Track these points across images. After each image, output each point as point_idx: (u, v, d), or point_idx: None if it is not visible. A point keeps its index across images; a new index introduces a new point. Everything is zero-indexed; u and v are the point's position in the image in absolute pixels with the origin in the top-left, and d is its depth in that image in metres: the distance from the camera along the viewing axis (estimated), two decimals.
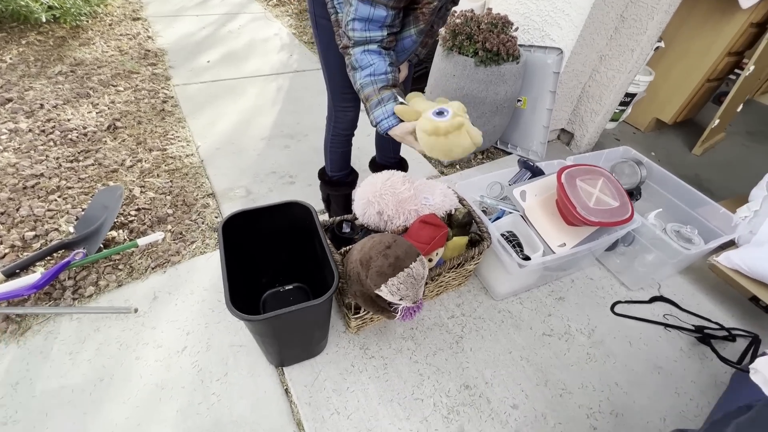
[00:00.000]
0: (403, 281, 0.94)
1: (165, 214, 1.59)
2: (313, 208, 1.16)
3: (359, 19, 0.88)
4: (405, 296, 0.95)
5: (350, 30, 0.90)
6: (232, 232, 1.11)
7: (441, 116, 0.91)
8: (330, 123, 1.35)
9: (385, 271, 0.93)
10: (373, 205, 1.23)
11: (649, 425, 1.16)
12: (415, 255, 0.97)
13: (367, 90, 0.95)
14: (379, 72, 0.94)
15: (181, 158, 1.89)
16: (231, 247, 1.09)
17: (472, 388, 1.19)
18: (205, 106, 2.30)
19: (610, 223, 1.19)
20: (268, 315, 0.89)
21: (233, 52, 2.94)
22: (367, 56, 0.92)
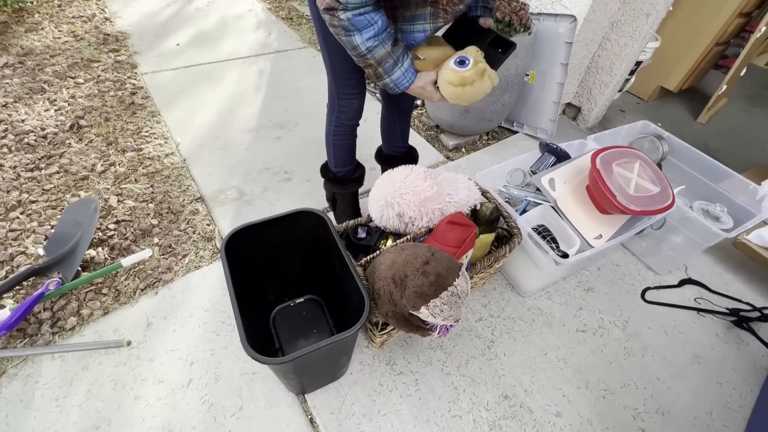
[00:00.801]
0: (446, 302, 0.81)
1: (149, 226, 1.41)
2: (327, 216, 1.01)
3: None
4: (447, 317, 0.83)
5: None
6: (234, 249, 0.96)
7: (463, 66, 0.89)
8: (332, 113, 1.18)
9: (426, 291, 0.81)
10: (392, 206, 1.09)
11: (696, 420, 1.10)
12: (457, 270, 0.85)
13: (379, 52, 0.82)
14: (383, 29, 0.81)
15: (160, 158, 1.68)
16: (234, 266, 0.94)
17: (512, 398, 1.10)
18: (180, 96, 2.06)
19: (653, 211, 1.09)
20: (293, 356, 0.76)
21: (204, 32, 2.66)
22: (364, 17, 0.77)
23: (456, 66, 0.89)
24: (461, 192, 1.17)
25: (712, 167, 1.55)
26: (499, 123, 2.07)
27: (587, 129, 2.21)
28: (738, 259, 1.55)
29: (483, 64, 0.90)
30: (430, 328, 0.91)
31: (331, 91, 1.16)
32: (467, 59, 0.89)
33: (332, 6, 0.76)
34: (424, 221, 1.12)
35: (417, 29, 0.88)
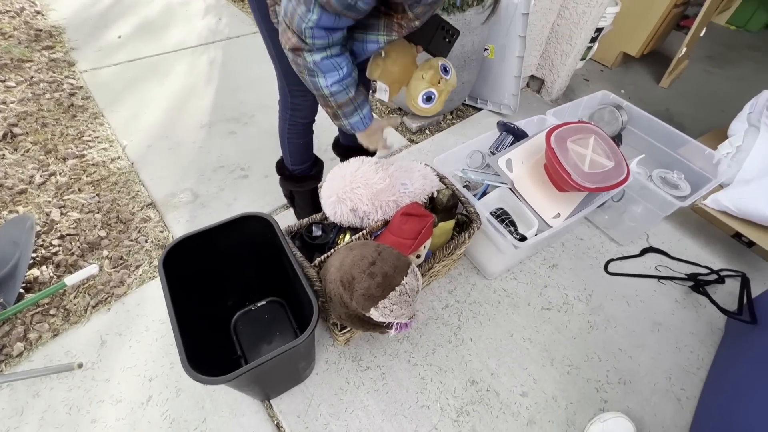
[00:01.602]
0: (395, 301, 0.79)
1: (97, 238, 1.34)
2: (274, 219, 0.96)
3: (321, 28, 0.71)
4: (399, 316, 0.81)
5: (308, 37, 0.72)
6: (179, 260, 0.91)
7: (429, 102, 0.96)
8: (285, 111, 1.11)
9: (373, 293, 0.78)
10: (344, 202, 1.05)
11: (656, 387, 1.14)
12: (405, 267, 0.82)
13: (341, 98, 0.83)
14: (348, 74, 0.81)
15: (105, 164, 1.58)
16: (181, 278, 0.89)
17: (479, 383, 1.11)
18: (124, 94, 1.93)
19: (607, 187, 1.09)
20: (241, 372, 0.73)
21: (148, 21, 2.48)
22: (330, 61, 0.77)
23: (423, 104, 0.96)
24: (417, 181, 1.13)
25: (670, 134, 1.55)
26: (462, 101, 2.02)
27: (551, 101, 2.19)
28: (697, 223, 1.58)
29: (445, 88, 0.96)
30: (387, 326, 0.89)
31: (282, 89, 1.08)
32: (433, 95, 0.95)
33: (298, 46, 0.74)
34: (378, 215, 1.08)
35: (370, 39, 0.83)
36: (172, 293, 0.85)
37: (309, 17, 0.68)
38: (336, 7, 0.65)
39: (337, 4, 0.65)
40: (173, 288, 0.86)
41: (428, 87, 0.93)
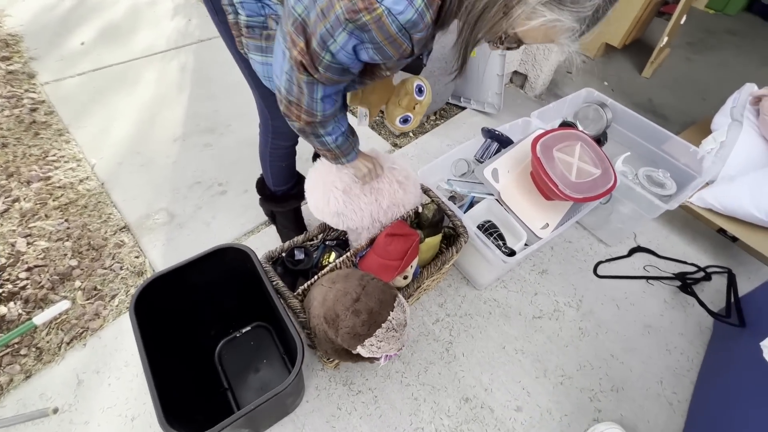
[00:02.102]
0: (382, 338, 0.76)
1: (68, 268, 1.27)
2: (251, 250, 0.91)
3: (328, 97, 0.74)
4: (388, 350, 0.78)
5: (320, 111, 0.75)
6: (152, 299, 0.86)
7: (406, 123, 1.01)
8: (266, 135, 1.05)
9: (359, 331, 0.75)
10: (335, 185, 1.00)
11: (648, 392, 1.14)
12: (391, 301, 0.79)
13: (344, 146, 0.89)
14: (348, 125, 0.87)
15: (73, 186, 1.50)
16: (157, 315, 0.85)
17: (472, 400, 1.09)
18: (90, 107, 1.83)
19: (595, 196, 1.06)
20: (224, 425, 0.69)
21: (113, 25, 2.35)
22: (335, 124, 0.82)
23: (401, 125, 1.01)
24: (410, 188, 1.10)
25: (653, 131, 1.54)
26: (445, 101, 1.97)
27: (535, 96, 2.16)
28: (683, 219, 1.58)
29: (420, 111, 0.99)
30: (376, 357, 0.86)
31: (262, 112, 1.02)
32: (409, 117, 0.99)
33: (310, 122, 0.77)
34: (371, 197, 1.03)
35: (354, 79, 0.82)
36: (147, 333, 0.81)
37: (316, 95, 0.71)
38: (334, 78, 0.68)
39: (334, 76, 0.67)
40: (149, 326, 0.82)
41: (404, 112, 0.94)
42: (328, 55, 0.62)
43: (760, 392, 0.91)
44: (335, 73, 0.66)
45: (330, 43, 0.60)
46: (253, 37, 0.79)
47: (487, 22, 0.56)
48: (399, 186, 1.08)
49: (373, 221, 1.08)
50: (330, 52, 0.62)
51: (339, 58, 0.63)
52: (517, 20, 0.54)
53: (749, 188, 1.29)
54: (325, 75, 0.66)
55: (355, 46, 0.60)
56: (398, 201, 1.09)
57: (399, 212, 1.11)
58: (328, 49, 0.61)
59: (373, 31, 0.56)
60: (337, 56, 0.62)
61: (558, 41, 0.58)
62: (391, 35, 0.57)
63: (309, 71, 0.66)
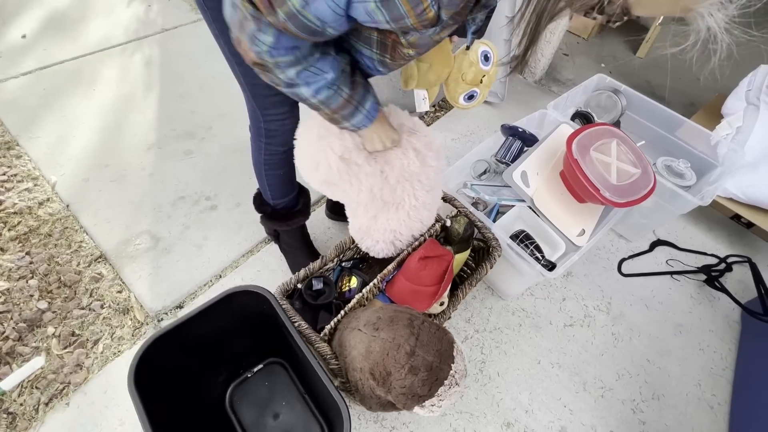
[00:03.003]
0: (444, 396, 0.65)
1: (36, 312, 1.08)
2: (269, 293, 0.77)
3: (282, 48, 0.53)
4: (448, 405, 0.68)
5: (268, 59, 0.54)
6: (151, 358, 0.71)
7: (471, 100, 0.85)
8: (259, 139, 0.89)
9: (418, 392, 0.63)
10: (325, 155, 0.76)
11: (689, 397, 1.10)
12: (450, 350, 0.68)
13: (334, 103, 0.64)
14: (336, 76, 0.61)
15: (31, 210, 1.28)
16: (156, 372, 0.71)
17: (514, 424, 1.02)
18: (42, 114, 1.57)
19: (638, 199, 0.98)
20: None
21: (59, 13, 2.04)
22: (309, 71, 0.58)
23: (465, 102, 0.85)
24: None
25: (667, 116, 1.47)
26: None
27: (535, 82, 2.06)
28: (698, 208, 1.54)
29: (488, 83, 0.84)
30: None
31: (252, 112, 0.85)
32: (476, 93, 0.84)
33: (260, 63, 0.56)
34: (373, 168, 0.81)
35: (363, 53, 0.65)
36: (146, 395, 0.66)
37: (262, 39, 0.51)
38: (295, 32, 0.49)
39: (297, 30, 0.48)
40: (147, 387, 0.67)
41: (469, 88, 0.79)
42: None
43: None
44: (299, 27, 0.47)
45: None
46: None
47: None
48: (416, 156, 0.83)
49: (372, 197, 0.85)
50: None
51: (315, 8, 0.44)
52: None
53: None
54: (282, 24, 0.47)
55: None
56: (411, 175, 0.85)
57: (410, 191, 0.86)
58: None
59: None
60: (313, 4, 0.44)
61: (697, 9, 0.38)
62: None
63: (258, 6, 0.46)
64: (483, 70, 0.78)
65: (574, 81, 2.09)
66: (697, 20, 0.39)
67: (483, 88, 0.82)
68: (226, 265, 1.22)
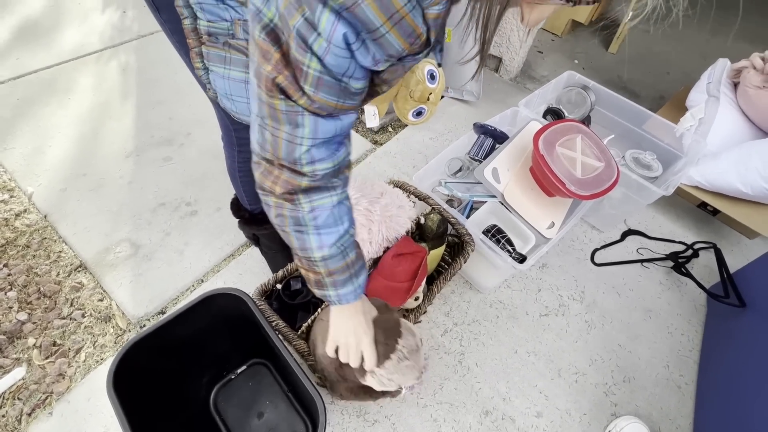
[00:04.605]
0: (394, 370, 0.68)
1: (16, 324, 1.08)
2: (245, 294, 0.80)
3: (321, 144, 0.50)
4: (405, 382, 0.71)
5: (307, 164, 0.50)
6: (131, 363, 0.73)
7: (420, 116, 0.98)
8: (232, 148, 0.91)
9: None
10: None
11: (658, 378, 1.16)
12: (397, 328, 0.71)
13: (334, 264, 0.58)
14: (348, 228, 0.58)
15: (8, 222, 1.27)
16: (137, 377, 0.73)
17: (492, 412, 1.06)
18: (16, 124, 1.56)
19: (602, 192, 1.03)
20: None
21: (31, 21, 2.01)
22: (334, 213, 0.55)
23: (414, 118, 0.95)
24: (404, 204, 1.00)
25: (634, 111, 1.53)
26: None
27: (511, 80, 2.11)
28: (666, 197, 1.60)
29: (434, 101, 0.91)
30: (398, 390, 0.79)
31: (222, 122, 0.87)
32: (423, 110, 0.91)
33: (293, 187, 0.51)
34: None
35: None
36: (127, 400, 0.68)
37: (301, 134, 0.48)
38: (330, 101, 0.46)
39: (329, 97, 0.46)
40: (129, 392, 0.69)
41: (417, 105, 0.82)
42: (314, 59, 0.42)
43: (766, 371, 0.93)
44: (330, 90, 0.45)
45: (313, 39, 0.40)
46: (216, 45, 0.65)
47: None
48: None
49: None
50: (315, 55, 0.42)
51: (329, 61, 0.42)
52: None
53: (734, 164, 1.31)
54: (315, 97, 0.45)
55: (347, 35, 0.40)
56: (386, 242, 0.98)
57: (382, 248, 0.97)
58: (311, 50, 0.41)
59: (368, 6, 0.38)
60: (326, 59, 0.42)
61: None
62: (395, 10, 0.39)
63: (289, 93, 0.45)
64: (429, 87, 0.82)
65: (548, 78, 2.14)
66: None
67: (430, 105, 0.86)
68: (208, 269, 1.24)
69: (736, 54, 1.61)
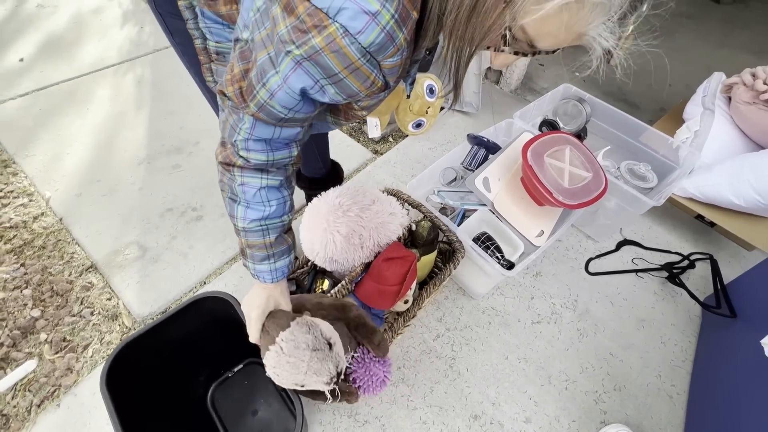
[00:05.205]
0: (275, 363, 0.69)
1: (30, 320, 1.14)
2: (232, 298, 0.85)
3: (258, 140, 0.58)
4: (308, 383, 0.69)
5: (241, 149, 0.59)
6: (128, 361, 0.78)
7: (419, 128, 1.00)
8: None
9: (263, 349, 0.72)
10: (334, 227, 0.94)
11: (649, 387, 1.16)
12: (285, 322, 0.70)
13: (252, 238, 0.67)
14: (275, 216, 0.66)
15: (27, 225, 1.35)
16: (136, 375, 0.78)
17: (481, 417, 1.07)
18: (38, 132, 1.66)
19: (589, 201, 1.05)
20: None
21: (55, 36, 2.14)
22: (262, 194, 0.63)
23: (414, 129, 0.97)
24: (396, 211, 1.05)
25: (630, 123, 1.55)
26: None
27: (511, 92, 2.15)
28: (662, 208, 1.60)
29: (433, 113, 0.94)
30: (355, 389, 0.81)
31: None
32: (423, 122, 0.94)
33: (229, 160, 0.60)
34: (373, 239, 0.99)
35: (318, 118, 0.70)
36: (128, 395, 0.73)
37: (241, 126, 0.56)
38: (266, 119, 0.54)
39: (267, 117, 0.54)
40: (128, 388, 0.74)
41: (416, 117, 0.88)
42: (263, 91, 0.50)
43: (756, 382, 0.94)
44: (271, 115, 0.53)
45: (269, 76, 0.48)
46: (223, 63, 0.72)
47: (483, 17, 0.42)
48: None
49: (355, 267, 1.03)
50: (266, 89, 0.49)
51: (278, 98, 0.50)
52: (524, 7, 0.40)
53: (727, 176, 1.32)
54: (257, 114, 0.54)
55: (304, 88, 0.48)
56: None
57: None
58: (264, 84, 0.49)
59: (327, 57, 0.44)
60: (276, 96, 0.50)
61: (588, 34, 0.43)
62: (351, 62, 0.45)
63: (234, 103, 0.54)
64: (428, 101, 0.88)
65: (548, 90, 2.17)
66: (593, 45, 0.46)
67: (429, 118, 0.92)
68: (210, 272, 1.29)
69: (742, 66, 1.61)
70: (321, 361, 0.68)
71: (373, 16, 0.42)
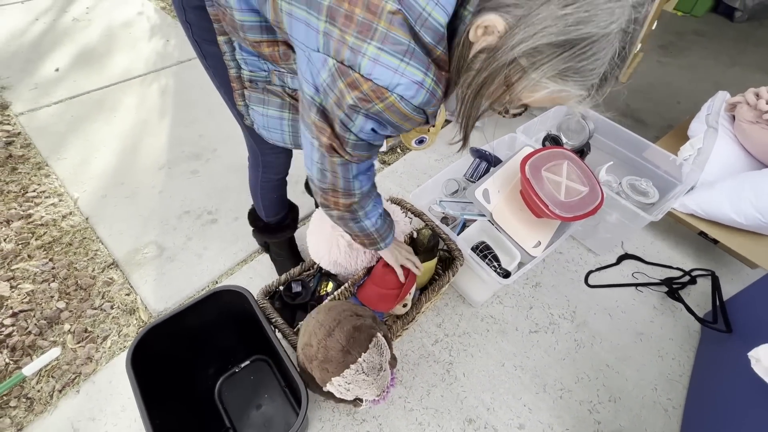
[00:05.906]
0: (351, 380, 0.75)
1: (55, 311, 1.23)
2: (248, 292, 0.91)
3: (361, 174, 0.73)
4: (361, 394, 0.78)
5: (357, 189, 0.74)
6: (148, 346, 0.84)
7: (422, 144, 1.05)
8: (257, 169, 1.05)
9: (327, 368, 0.75)
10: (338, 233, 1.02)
11: (644, 400, 1.17)
12: (366, 341, 0.78)
13: (383, 229, 0.88)
14: (381, 201, 0.85)
15: (56, 223, 1.46)
16: (153, 360, 0.84)
17: (476, 421, 1.11)
18: (69, 137, 1.78)
19: (584, 215, 1.09)
20: None
21: (88, 48, 2.29)
22: (373, 203, 0.81)
23: (417, 145, 1.04)
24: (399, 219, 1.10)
25: (633, 140, 1.58)
26: None
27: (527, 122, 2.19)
28: (666, 224, 1.63)
29: (435, 131, 1.01)
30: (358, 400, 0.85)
31: (251, 148, 1.01)
32: (425, 138, 1.02)
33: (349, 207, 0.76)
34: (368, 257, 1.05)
35: None
36: (144, 380, 0.79)
37: (350, 175, 0.71)
38: (363, 155, 0.68)
39: (363, 152, 0.67)
40: (145, 373, 0.80)
41: (418, 134, 0.96)
42: (352, 136, 0.63)
43: (749, 398, 0.95)
44: (363, 149, 0.67)
45: (350, 126, 0.61)
46: (256, 90, 0.79)
47: (487, 97, 0.55)
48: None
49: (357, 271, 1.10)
50: (353, 133, 0.62)
51: (362, 137, 0.64)
52: (520, 94, 0.52)
53: (728, 194, 1.34)
54: (355, 153, 0.66)
55: (374, 127, 0.61)
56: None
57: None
58: (350, 131, 0.62)
59: (388, 114, 0.57)
60: (360, 136, 0.63)
61: (567, 105, 0.57)
62: (406, 115, 0.58)
63: (340, 153, 0.66)
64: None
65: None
66: (575, 109, 0.57)
67: (431, 135, 1.00)
68: (222, 272, 1.37)
69: (752, 84, 1.63)
70: (383, 379, 0.81)
71: (420, 84, 0.54)
